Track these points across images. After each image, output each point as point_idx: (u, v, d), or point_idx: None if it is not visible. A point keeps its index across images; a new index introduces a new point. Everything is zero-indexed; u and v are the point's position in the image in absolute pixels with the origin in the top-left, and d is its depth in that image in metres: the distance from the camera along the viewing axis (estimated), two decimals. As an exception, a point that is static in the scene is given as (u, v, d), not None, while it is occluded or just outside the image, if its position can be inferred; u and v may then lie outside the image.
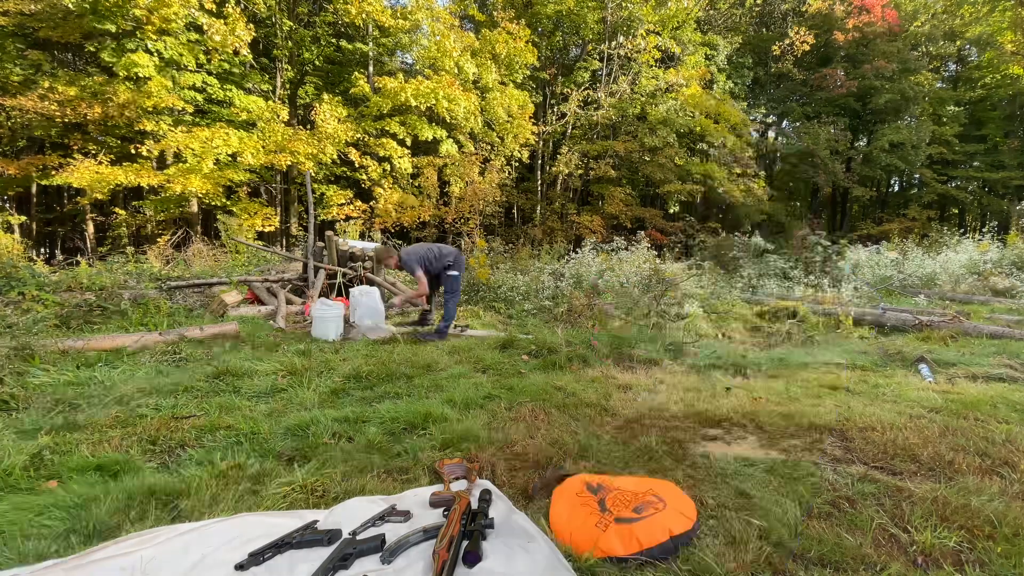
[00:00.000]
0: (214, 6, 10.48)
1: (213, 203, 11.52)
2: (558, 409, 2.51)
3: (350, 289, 5.50)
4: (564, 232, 15.91)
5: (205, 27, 10.33)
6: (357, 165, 13.17)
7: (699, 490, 1.69)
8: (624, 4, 16.03)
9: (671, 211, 17.84)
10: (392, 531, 1.40)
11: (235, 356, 3.48)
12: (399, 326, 4.98)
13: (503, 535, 1.40)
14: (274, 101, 12.76)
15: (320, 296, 6.04)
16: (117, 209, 13.34)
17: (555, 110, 17.41)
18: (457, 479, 1.71)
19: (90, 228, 13.87)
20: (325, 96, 13.06)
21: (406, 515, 1.49)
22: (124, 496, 1.56)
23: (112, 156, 11.31)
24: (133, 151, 10.71)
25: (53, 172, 10.21)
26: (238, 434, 2.13)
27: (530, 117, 15.30)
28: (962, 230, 13.59)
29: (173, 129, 10.46)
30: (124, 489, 1.60)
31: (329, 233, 6.64)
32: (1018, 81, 20.29)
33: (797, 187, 24.41)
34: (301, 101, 15.11)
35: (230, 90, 12.17)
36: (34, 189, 13.06)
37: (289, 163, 11.52)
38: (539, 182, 17.92)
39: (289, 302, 5.66)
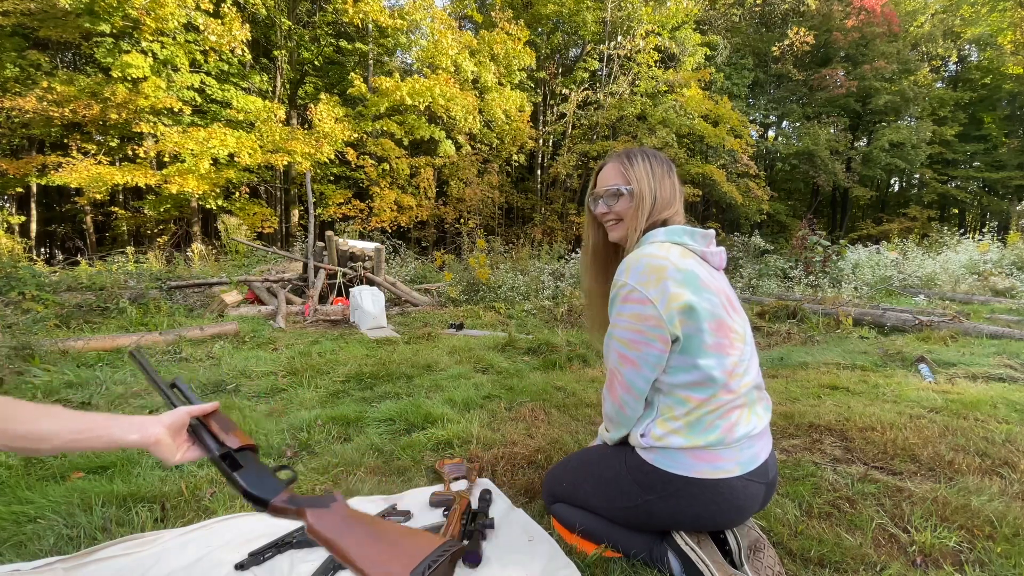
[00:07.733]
0: (211, 6, 10.47)
1: (210, 204, 11.52)
2: (558, 409, 2.51)
3: (350, 289, 5.50)
4: (564, 232, 15.90)
5: (202, 27, 10.32)
6: (354, 165, 13.16)
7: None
8: (623, 4, 16.02)
9: (672, 211, 17.82)
10: (392, 531, 1.39)
11: (236, 356, 3.49)
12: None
13: (504, 534, 1.39)
14: (273, 101, 12.75)
15: (319, 296, 6.04)
16: (117, 209, 13.35)
17: (554, 110, 17.39)
18: (457, 479, 1.71)
19: (90, 228, 13.87)
20: (323, 96, 13.05)
21: (406, 515, 1.49)
22: (123, 496, 1.56)
23: (111, 158, 11.30)
24: (131, 152, 10.70)
25: (52, 172, 10.21)
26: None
27: (528, 119, 15.26)
28: (962, 230, 13.59)
29: (169, 129, 10.45)
30: (123, 489, 1.60)
31: (329, 233, 6.65)
32: (1018, 81, 20.30)
33: (797, 187, 24.39)
34: (301, 101, 15.11)
35: (228, 90, 12.17)
36: (34, 189, 13.06)
37: (286, 163, 11.52)
38: (539, 182, 17.91)
39: (289, 302, 5.67)
